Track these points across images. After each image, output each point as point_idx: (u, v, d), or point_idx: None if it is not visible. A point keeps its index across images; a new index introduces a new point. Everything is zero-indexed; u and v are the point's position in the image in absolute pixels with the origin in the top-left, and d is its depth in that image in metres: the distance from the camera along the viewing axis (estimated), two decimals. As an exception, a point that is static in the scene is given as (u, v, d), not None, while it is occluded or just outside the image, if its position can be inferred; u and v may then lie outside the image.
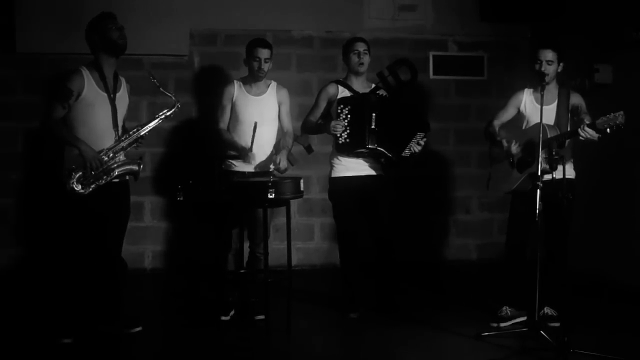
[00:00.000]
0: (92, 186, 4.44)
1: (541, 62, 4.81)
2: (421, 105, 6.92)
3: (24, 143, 6.49)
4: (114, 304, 4.71)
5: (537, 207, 4.19)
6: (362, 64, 5.17)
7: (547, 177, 4.33)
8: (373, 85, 5.28)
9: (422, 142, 5.12)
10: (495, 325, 4.82)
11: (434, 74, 7.16)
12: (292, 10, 6.83)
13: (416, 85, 6.81)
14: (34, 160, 6.45)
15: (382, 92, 5.23)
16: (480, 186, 6.96)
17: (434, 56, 7.15)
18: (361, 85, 5.23)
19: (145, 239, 6.65)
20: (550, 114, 4.80)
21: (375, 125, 5.02)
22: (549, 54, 4.82)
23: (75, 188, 4.41)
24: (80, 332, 4.53)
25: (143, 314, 4.96)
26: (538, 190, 4.23)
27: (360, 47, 5.19)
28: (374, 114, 5.02)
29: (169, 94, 4.72)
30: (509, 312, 4.92)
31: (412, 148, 5.10)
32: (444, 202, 7.22)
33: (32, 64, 6.43)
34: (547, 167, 4.37)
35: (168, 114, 4.70)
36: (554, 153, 4.33)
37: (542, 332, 4.22)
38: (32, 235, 6.47)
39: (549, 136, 4.58)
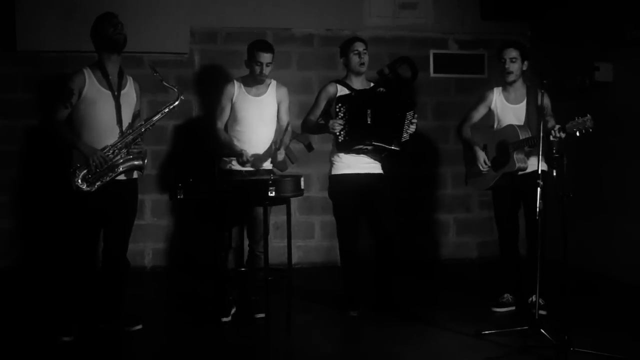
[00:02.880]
0: (98, 183, 4.45)
1: (505, 60, 5.08)
2: (422, 104, 6.93)
3: (24, 141, 6.49)
4: (114, 302, 4.72)
5: (538, 205, 4.25)
6: (363, 63, 5.18)
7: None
8: (372, 84, 5.27)
9: (414, 120, 5.14)
10: (497, 310, 5.09)
11: (435, 72, 7.16)
12: (293, 9, 6.84)
13: (417, 84, 6.81)
14: (34, 158, 6.44)
15: (381, 89, 5.23)
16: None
17: (434, 54, 7.15)
18: (361, 84, 5.23)
19: (146, 237, 6.65)
20: (520, 112, 5.09)
21: (371, 121, 5.03)
22: (512, 52, 5.08)
23: (81, 186, 4.42)
24: (81, 330, 4.53)
25: (143, 312, 4.97)
26: (538, 189, 4.28)
27: (360, 46, 5.19)
28: (369, 110, 5.04)
29: (172, 87, 4.74)
30: (510, 299, 5.15)
31: (408, 130, 5.11)
32: (445, 200, 7.22)
33: (32, 62, 6.43)
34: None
35: (171, 106, 4.71)
36: (554, 151, 4.39)
37: (542, 330, 4.23)
38: (32, 233, 6.47)
39: (520, 137, 4.87)
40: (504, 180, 5.06)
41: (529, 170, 4.90)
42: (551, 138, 4.59)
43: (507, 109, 5.12)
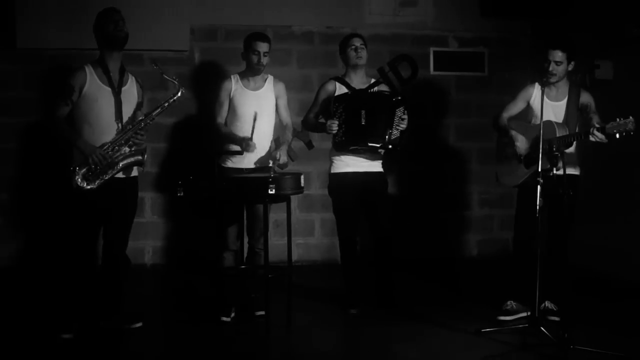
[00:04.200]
0: (98, 181, 4.45)
1: (549, 62, 4.81)
2: (422, 102, 6.93)
3: (25, 139, 6.48)
4: (114, 300, 4.72)
5: (538, 203, 4.21)
6: (360, 57, 5.18)
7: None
8: (372, 81, 5.27)
9: (404, 117, 5.10)
10: (503, 318, 4.85)
11: (435, 69, 7.16)
12: (293, 6, 6.83)
13: (417, 81, 6.80)
14: (34, 156, 6.44)
15: (381, 86, 5.23)
16: (480, 182, 7.02)
17: (434, 52, 7.15)
18: (360, 81, 5.23)
19: (146, 235, 6.66)
20: (559, 110, 4.84)
21: (365, 122, 5.03)
22: (557, 55, 4.81)
23: (81, 184, 4.42)
24: (81, 328, 4.54)
25: (143, 309, 4.98)
26: (538, 187, 4.23)
27: (357, 42, 5.20)
28: (363, 111, 5.04)
29: (172, 80, 4.72)
30: (514, 305, 4.96)
31: (398, 127, 5.09)
32: (445, 198, 7.22)
33: (33, 60, 6.42)
34: (549, 164, 4.41)
35: (172, 100, 4.71)
36: (554, 149, 4.34)
37: (542, 328, 4.23)
38: (33, 231, 6.47)
39: (557, 134, 4.60)
40: (534, 179, 4.61)
41: (561, 172, 4.41)
42: (590, 139, 4.43)
43: (547, 105, 4.71)
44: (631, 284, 5.67)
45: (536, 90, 4.98)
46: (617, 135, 4.33)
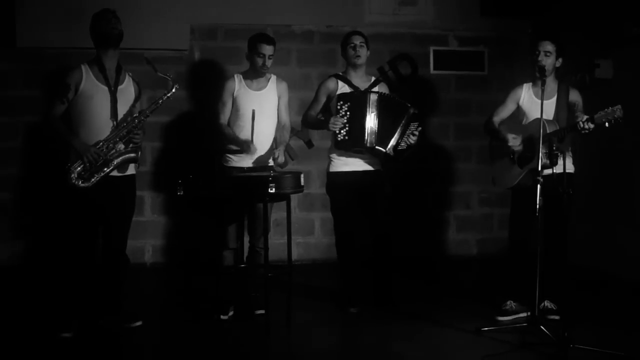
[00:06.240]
0: (93, 179, 4.45)
1: (539, 52, 4.84)
2: (422, 101, 6.92)
3: (25, 138, 6.49)
4: (114, 299, 4.72)
5: (538, 202, 4.19)
6: (358, 56, 5.16)
7: (547, 171, 4.35)
8: (373, 79, 5.27)
9: (416, 133, 5.09)
10: (501, 319, 4.83)
11: (435, 68, 7.16)
12: (293, 5, 6.83)
13: (417, 80, 6.81)
14: (34, 155, 6.45)
15: (382, 85, 5.23)
16: (480, 181, 7.00)
17: (434, 51, 7.15)
18: (360, 79, 5.23)
19: (146, 234, 6.66)
20: (549, 108, 4.82)
21: (373, 124, 5.02)
22: (547, 46, 4.85)
23: (76, 183, 4.42)
24: (80, 327, 4.54)
25: (143, 308, 4.98)
26: (538, 186, 4.22)
27: (357, 40, 5.18)
28: (372, 113, 5.03)
29: (166, 76, 4.73)
30: (513, 306, 4.94)
31: (407, 140, 5.08)
32: (444, 197, 7.23)
33: (33, 59, 6.42)
34: (547, 162, 4.41)
35: (166, 97, 4.71)
36: (554, 148, 4.34)
37: (542, 327, 4.23)
38: (32, 230, 6.47)
39: (548, 131, 4.60)
40: (529, 179, 4.64)
41: (556, 170, 4.40)
42: (579, 126, 4.42)
43: (536, 104, 4.74)
44: (631, 283, 5.67)
45: (524, 91, 5.00)
46: (607, 124, 4.35)
